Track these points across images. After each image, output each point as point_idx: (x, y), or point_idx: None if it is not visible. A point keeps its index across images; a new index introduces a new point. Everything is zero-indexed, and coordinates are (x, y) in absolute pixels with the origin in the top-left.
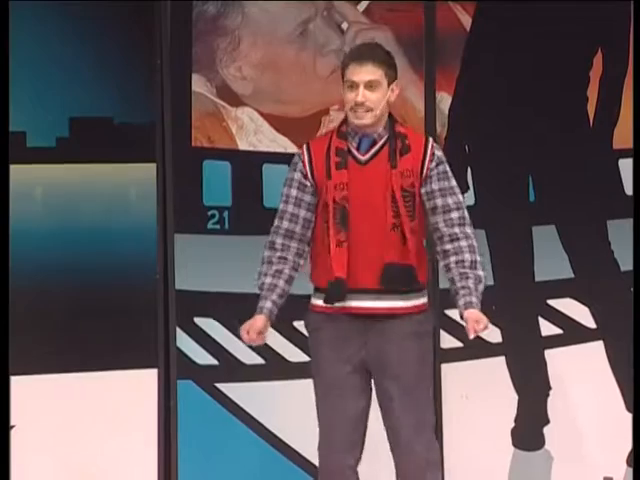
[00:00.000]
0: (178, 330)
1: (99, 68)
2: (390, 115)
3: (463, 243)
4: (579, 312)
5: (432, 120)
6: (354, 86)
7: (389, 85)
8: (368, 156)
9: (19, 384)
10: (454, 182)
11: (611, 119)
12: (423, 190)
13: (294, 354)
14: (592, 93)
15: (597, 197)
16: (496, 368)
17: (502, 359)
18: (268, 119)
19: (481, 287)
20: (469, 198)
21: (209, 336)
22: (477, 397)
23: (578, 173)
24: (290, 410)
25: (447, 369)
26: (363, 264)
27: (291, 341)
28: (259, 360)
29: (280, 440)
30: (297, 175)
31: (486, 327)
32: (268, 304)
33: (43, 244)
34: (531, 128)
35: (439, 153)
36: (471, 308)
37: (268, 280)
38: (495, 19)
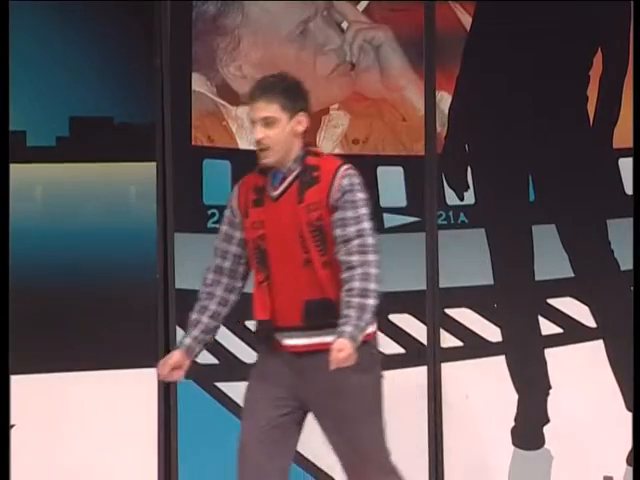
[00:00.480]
0: (178, 329)
1: (99, 68)
2: (305, 146)
3: (357, 271)
4: (579, 311)
5: (432, 119)
6: (254, 123)
7: (292, 117)
8: (278, 192)
9: (18, 383)
10: (362, 210)
11: (611, 118)
12: (331, 220)
13: None
14: (592, 92)
15: (597, 196)
16: (496, 367)
17: (502, 358)
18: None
19: (366, 316)
20: (469, 197)
21: None
22: (477, 396)
23: (578, 172)
24: None
25: (447, 368)
26: (286, 302)
27: None
28: None
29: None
30: (227, 212)
31: (348, 357)
32: (187, 340)
33: (43, 243)
34: (531, 127)
35: (348, 181)
36: (341, 337)
37: (194, 316)
38: (495, 19)
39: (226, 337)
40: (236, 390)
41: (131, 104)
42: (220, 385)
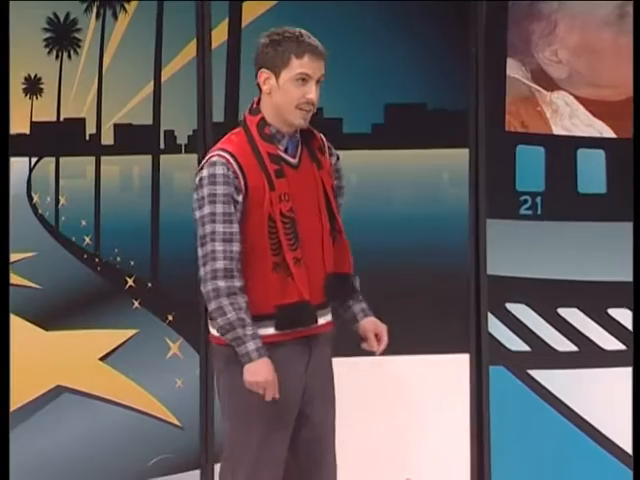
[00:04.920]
0: (490, 315)
1: (414, 55)
2: None
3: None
4: None
5: None
6: (306, 80)
7: None
8: (297, 159)
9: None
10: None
11: None
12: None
13: (608, 341)
14: None
15: None
16: None
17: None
18: (584, 103)
19: None
20: None
21: (521, 322)
22: None
23: None
24: (602, 397)
25: None
26: (314, 278)
27: (605, 328)
28: (572, 347)
29: (592, 427)
30: (229, 189)
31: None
32: (259, 342)
33: (356, 229)
34: None
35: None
36: (370, 316)
37: (243, 315)
38: None
39: (538, 324)
40: (549, 378)
41: (445, 90)
42: (532, 373)
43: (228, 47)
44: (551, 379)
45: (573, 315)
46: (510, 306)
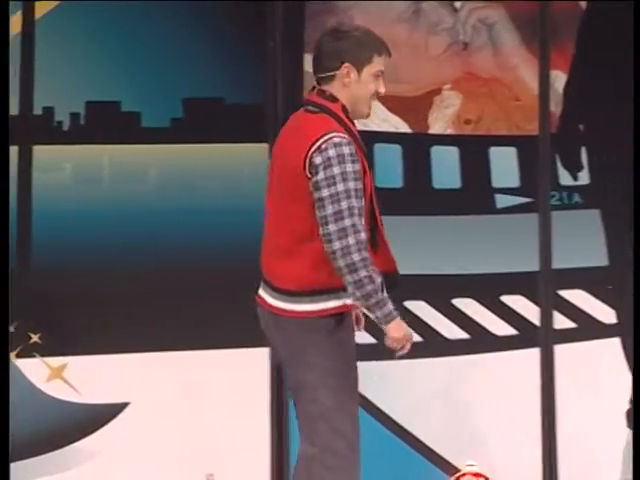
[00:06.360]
0: None
1: (212, 50)
2: None
3: None
4: None
5: (546, 99)
6: (378, 77)
7: None
8: None
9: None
10: None
11: None
12: None
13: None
14: None
15: None
16: (610, 349)
17: (617, 340)
18: (380, 98)
19: None
20: (583, 177)
21: None
22: (590, 379)
23: None
24: (403, 390)
25: (560, 350)
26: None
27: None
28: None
29: (392, 420)
30: (357, 166)
31: None
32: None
33: (157, 222)
34: None
35: None
36: None
37: (380, 281)
38: None
39: None
40: None
41: (243, 85)
42: None
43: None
44: None
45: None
46: None
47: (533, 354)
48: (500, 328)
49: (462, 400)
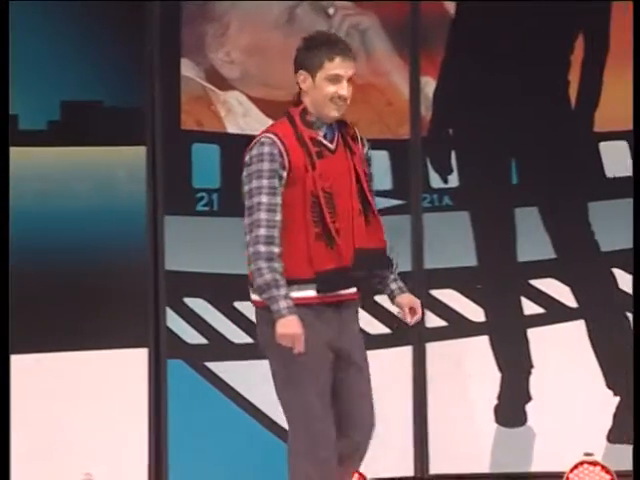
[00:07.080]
0: (168, 310)
1: (90, 53)
2: None
3: None
4: (561, 292)
5: (417, 103)
6: (338, 79)
7: None
8: (334, 145)
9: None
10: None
11: (592, 103)
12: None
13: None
14: (574, 77)
15: (578, 179)
16: (479, 347)
17: (485, 338)
18: (256, 103)
19: None
20: (453, 180)
21: (199, 316)
22: (460, 376)
23: (560, 156)
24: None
25: (431, 348)
26: (344, 250)
27: None
28: (248, 339)
29: (268, 418)
30: (274, 165)
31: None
32: (290, 302)
33: (36, 225)
34: (514, 111)
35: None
36: (405, 292)
37: (278, 277)
38: (479, 3)
39: (215, 317)
40: (225, 370)
41: (121, 88)
42: (210, 365)
43: None
44: (227, 370)
45: (249, 308)
46: (188, 300)
47: (405, 352)
48: (375, 327)
49: None
